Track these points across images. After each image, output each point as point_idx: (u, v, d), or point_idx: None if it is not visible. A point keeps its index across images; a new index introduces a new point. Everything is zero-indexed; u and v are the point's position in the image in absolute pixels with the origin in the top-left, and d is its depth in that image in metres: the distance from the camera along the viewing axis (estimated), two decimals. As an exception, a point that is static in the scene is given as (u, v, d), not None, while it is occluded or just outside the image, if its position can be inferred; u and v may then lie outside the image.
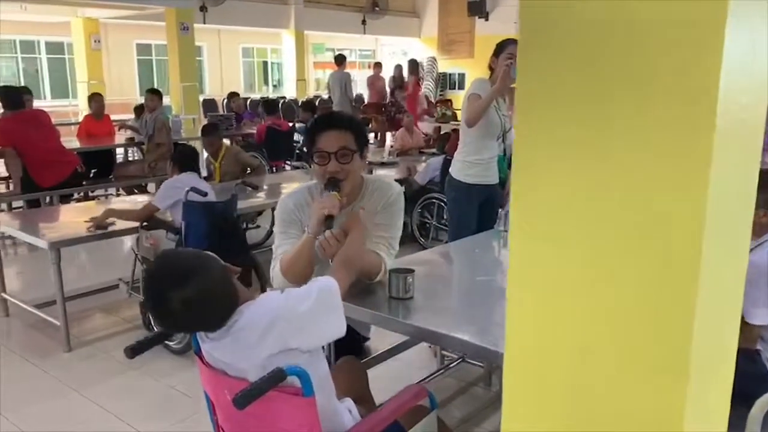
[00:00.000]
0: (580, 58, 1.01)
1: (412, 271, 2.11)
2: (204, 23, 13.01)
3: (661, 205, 0.97)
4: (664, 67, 0.95)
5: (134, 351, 1.57)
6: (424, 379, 3.16)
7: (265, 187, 5.08)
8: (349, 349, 2.46)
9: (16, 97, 5.66)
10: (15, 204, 6.54)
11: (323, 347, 1.78)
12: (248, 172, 5.48)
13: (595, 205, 1.03)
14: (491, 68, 3.59)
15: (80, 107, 13.93)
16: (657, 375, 1.01)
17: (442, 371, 3.29)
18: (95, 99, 7.87)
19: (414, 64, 12.36)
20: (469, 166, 3.75)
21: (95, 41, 13.72)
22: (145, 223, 3.85)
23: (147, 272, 1.50)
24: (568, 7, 1.00)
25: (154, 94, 7.04)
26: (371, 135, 11.71)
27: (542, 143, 1.07)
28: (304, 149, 7.65)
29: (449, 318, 2.07)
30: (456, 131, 6.25)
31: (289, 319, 1.54)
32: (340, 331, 1.64)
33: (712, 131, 0.93)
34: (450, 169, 3.93)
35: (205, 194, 3.49)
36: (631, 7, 0.95)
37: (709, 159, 0.93)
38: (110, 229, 3.82)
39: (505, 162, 3.98)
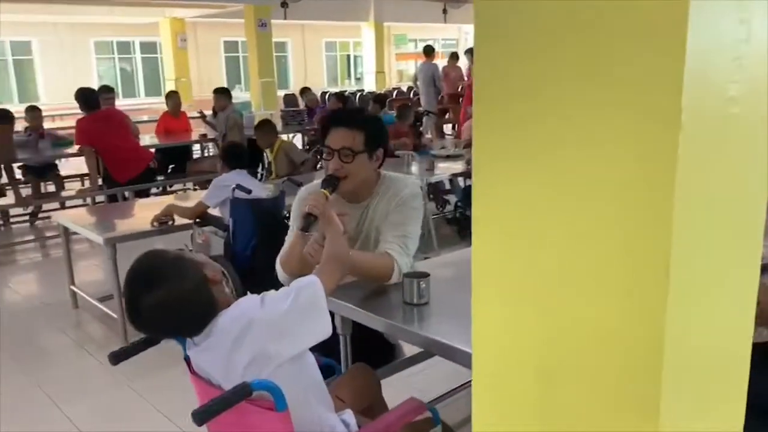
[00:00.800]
0: (534, 47, 0.89)
1: (427, 275, 2.00)
2: (285, 19, 13.24)
3: (626, 210, 0.83)
4: (621, 54, 0.81)
5: (117, 357, 1.56)
6: (452, 391, 2.99)
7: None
8: (378, 350, 2.39)
9: (93, 98, 5.93)
10: (98, 199, 6.90)
11: (320, 352, 1.71)
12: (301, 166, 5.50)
13: (555, 210, 0.90)
14: None
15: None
16: (624, 408, 0.87)
17: (467, 385, 3.12)
18: (172, 97, 8.15)
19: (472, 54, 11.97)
20: None
21: (181, 40, 14.27)
22: (198, 220, 3.92)
23: (127, 273, 1.48)
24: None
25: (221, 93, 7.19)
26: (449, 126, 11.54)
27: (501, 141, 0.96)
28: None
29: (467, 328, 1.92)
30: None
31: (267, 321, 1.49)
32: (324, 332, 1.57)
33: (677, 130, 0.78)
34: None
35: (249, 191, 3.50)
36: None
37: (673, 160, 0.79)
38: (169, 224, 3.92)
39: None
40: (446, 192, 6.28)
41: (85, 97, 5.81)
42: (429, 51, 10.80)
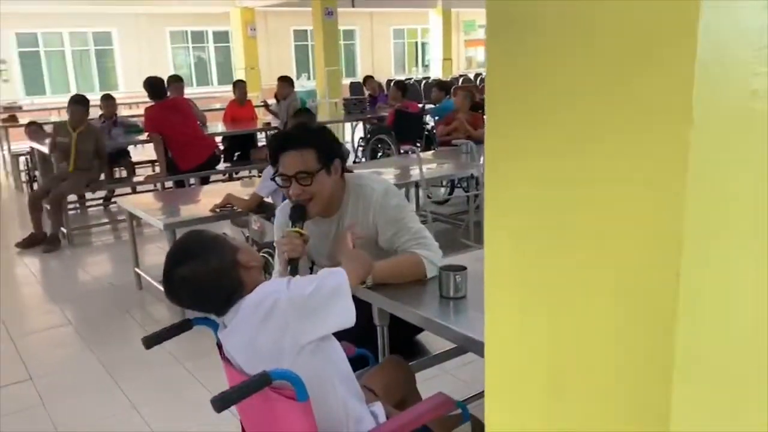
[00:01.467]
0: (544, 42, 0.85)
1: (464, 268, 1.97)
2: (353, 6, 13.29)
3: (637, 211, 0.79)
4: (629, 47, 0.77)
5: (150, 341, 1.61)
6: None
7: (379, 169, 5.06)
8: (413, 346, 2.38)
9: (160, 87, 6.13)
10: (167, 184, 7.16)
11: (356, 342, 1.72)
12: None
13: (566, 212, 0.87)
14: None
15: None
16: (634, 414, 0.84)
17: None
18: (239, 86, 8.34)
19: None
20: None
21: (251, 29, 14.54)
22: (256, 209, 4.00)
23: (170, 247, 1.64)
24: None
25: (284, 81, 7.30)
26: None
27: (513, 141, 0.93)
28: (433, 131, 7.58)
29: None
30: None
31: (291, 301, 1.51)
32: (348, 319, 1.57)
33: (688, 127, 0.73)
34: None
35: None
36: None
37: (684, 160, 0.74)
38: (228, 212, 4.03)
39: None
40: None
41: (152, 85, 6.01)
42: None
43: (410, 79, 13.18)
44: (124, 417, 2.95)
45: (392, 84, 8.74)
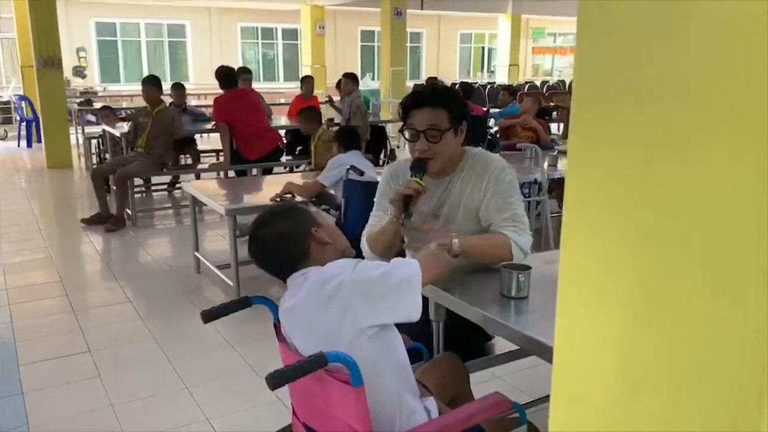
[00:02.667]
0: (636, 41, 0.81)
1: (528, 268, 1.90)
2: (422, 9, 13.27)
3: (728, 208, 0.73)
4: (721, 48, 0.71)
5: (208, 316, 1.61)
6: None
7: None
8: (469, 346, 2.33)
9: (231, 77, 6.23)
10: (230, 174, 7.29)
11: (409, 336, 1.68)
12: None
13: (653, 209, 0.81)
14: None
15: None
16: (718, 421, 0.77)
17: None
18: (306, 81, 8.43)
19: None
20: None
21: (320, 27, 14.69)
22: (314, 198, 4.02)
23: None
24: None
25: (349, 78, 7.32)
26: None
27: (598, 138, 0.89)
28: (497, 135, 7.47)
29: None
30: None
31: (357, 281, 1.50)
32: (414, 313, 1.53)
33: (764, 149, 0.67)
34: None
35: (362, 173, 3.53)
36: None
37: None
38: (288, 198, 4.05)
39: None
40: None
41: (224, 75, 6.12)
42: None
43: (475, 83, 13.05)
44: (175, 395, 2.99)
45: (457, 86, 8.67)
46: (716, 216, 0.75)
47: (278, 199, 3.95)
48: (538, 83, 15.56)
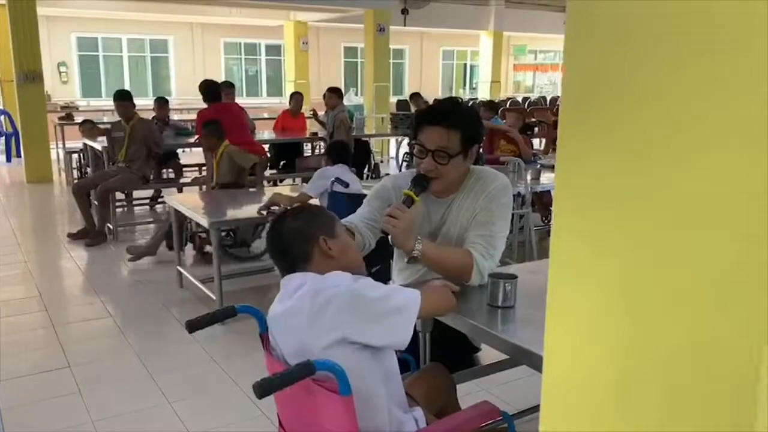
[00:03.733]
0: (625, 44, 0.82)
1: (514, 277, 1.90)
2: (404, 25, 13.35)
3: (724, 212, 0.73)
4: (713, 52, 0.72)
5: (193, 326, 1.59)
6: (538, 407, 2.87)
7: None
8: (456, 357, 2.31)
9: (215, 90, 6.22)
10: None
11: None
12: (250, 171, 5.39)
13: (642, 211, 0.81)
14: None
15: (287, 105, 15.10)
16: (712, 426, 0.77)
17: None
18: (295, 98, 8.44)
19: None
20: None
21: (303, 43, 14.73)
22: (299, 211, 4.00)
23: None
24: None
25: (333, 92, 7.34)
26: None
27: (588, 141, 0.89)
28: (480, 149, 7.51)
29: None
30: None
31: (353, 296, 1.48)
32: (402, 342, 1.51)
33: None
34: None
35: (347, 185, 3.53)
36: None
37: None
38: (277, 211, 4.03)
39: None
40: (552, 204, 6.07)
41: (208, 88, 6.11)
42: None
43: (459, 99, 13.18)
44: (157, 410, 2.94)
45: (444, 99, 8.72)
46: (708, 216, 0.75)
47: (265, 212, 3.93)
48: (519, 99, 15.71)
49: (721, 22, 0.71)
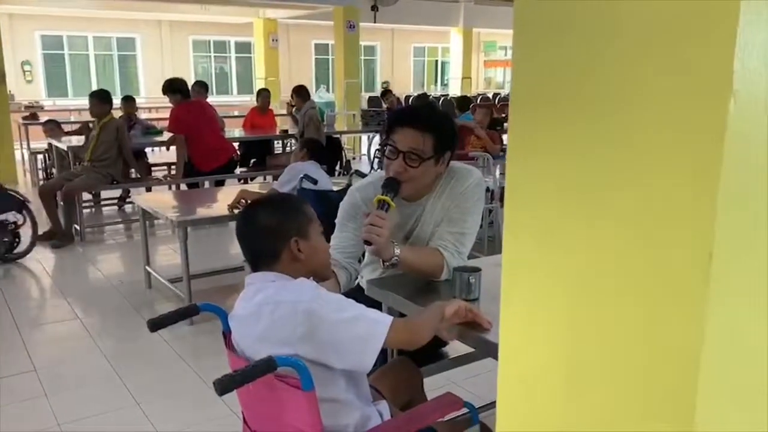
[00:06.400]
0: (572, 40, 0.83)
1: (478, 270, 1.92)
2: (375, 22, 13.35)
3: (662, 210, 0.75)
4: (660, 48, 0.74)
5: (155, 325, 1.58)
6: None
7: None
8: (423, 351, 2.32)
9: (184, 87, 6.16)
10: (181, 187, 7.18)
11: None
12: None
13: (591, 206, 0.83)
14: None
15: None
16: (655, 416, 0.79)
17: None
18: (262, 94, 8.40)
19: None
20: None
21: (273, 40, 14.65)
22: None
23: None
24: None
25: (298, 92, 7.33)
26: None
27: (535, 140, 0.91)
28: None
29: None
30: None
31: (311, 321, 1.41)
32: (364, 368, 1.47)
33: (721, 135, 0.68)
34: None
35: (316, 182, 3.52)
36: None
37: (718, 158, 0.70)
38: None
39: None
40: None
41: (180, 86, 6.05)
42: None
43: (429, 96, 13.17)
44: (127, 412, 2.91)
45: (414, 97, 8.76)
46: (652, 211, 0.76)
47: (234, 210, 3.90)
48: (490, 95, 15.81)
49: (658, 24, 0.73)
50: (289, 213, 1.60)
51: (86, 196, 6.43)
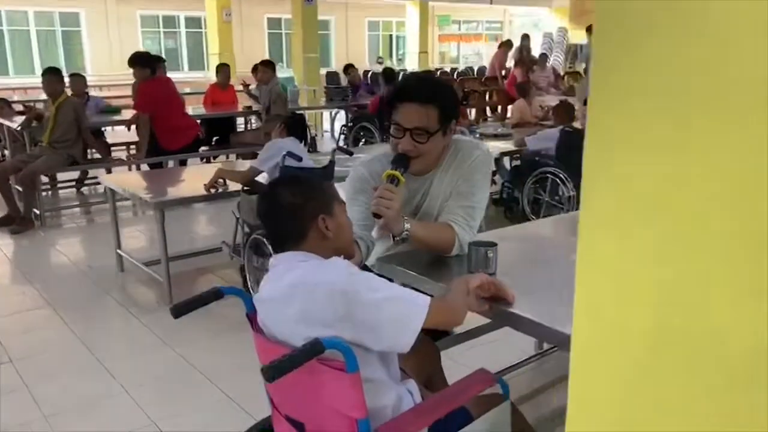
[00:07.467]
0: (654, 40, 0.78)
1: (494, 245, 1.89)
2: (330, -5, 13.12)
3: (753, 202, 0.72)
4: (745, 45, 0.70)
5: (179, 310, 1.50)
6: (522, 362, 2.95)
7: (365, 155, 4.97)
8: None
9: (150, 63, 5.93)
10: (142, 167, 6.95)
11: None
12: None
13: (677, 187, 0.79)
14: None
15: (213, 79, 14.56)
16: (733, 412, 0.77)
17: (536, 358, 3.04)
18: (222, 70, 8.16)
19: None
20: None
21: (226, 14, 14.24)
22: (246, 188, 3.88)
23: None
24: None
25: (266, 66, 7.12)
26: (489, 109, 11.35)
27: (618, 119, 0.85)
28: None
29: (535, 300, 1.81)
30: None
31: (348, 302, 1.37)
32: (402, 347, 1.43)
33: None
34: None
35: (300, 159, 3.44)
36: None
37: None
38: (221, 190, 3.89)
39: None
40: (493, 173, 6.15)
41: (147, 60, 5.83)
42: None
43: (395, 70, 13.06)
44: (115, 399, 2.81)
45: (381, 72, 8.65)
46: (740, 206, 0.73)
47: (211, 190, 3.79)
48: (448, 69, 15.78)
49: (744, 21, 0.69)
50: (314, 191, 1.55)
51: (43, 179, 6.15)
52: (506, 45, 11.82)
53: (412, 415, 1.47)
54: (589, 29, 10.52)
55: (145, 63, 5.81)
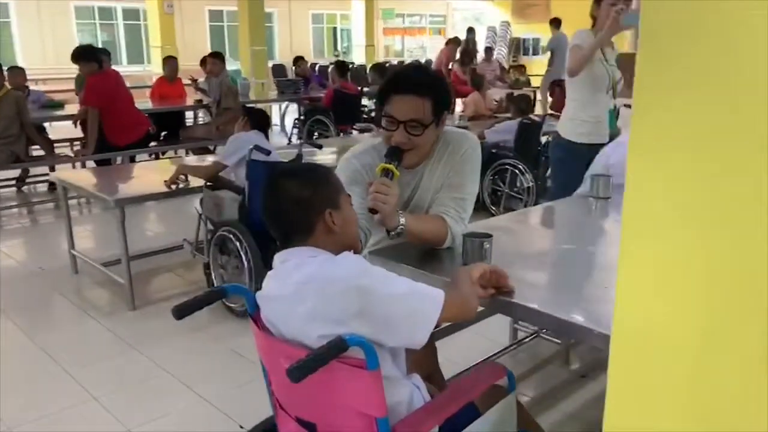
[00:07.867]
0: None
1: (490, 236, 1.88)
2: (274, -13, 12.90)
3: None
4: None
5: (181, 311, 1.43)
6: (497, 353, 2.96)
7: (333, 148, 4.92)
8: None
9: (96, 56, 5.69)
10: (88, 164, 6.67)
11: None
12: None
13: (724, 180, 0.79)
14: (593, 17, 3.49)
15: (154, 72, 14.11)
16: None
17: (515, 346, 3.07)
18: (169, 62, 7.90)
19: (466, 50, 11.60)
20: (579, 124, 3.61)
21: (168, 6, 13.85)
22: (209, 184, 3.77)
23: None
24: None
25: (215, 57, 6.93)
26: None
27: (662, 121, 0.85)
28: (373, 114, 7.49)
29: (526, 288, 1.81)
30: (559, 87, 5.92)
31: (362, 298, 1.33)
32: (418, 343, 1.40)
33: None
34: (557, 128, 3.80)
35: (269, 153, 3.36)
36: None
37: None
38: (182, 186, 3.76)
39: (614, 117, 3.78)
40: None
41: (93, 54, 5.59)
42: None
43: (347, 63, 12.95)
44: (82, 408, 2.69)
45: (332, 67, 8.55)
46: None
47: (173, 186, 3.67)
48: (395, 62, 15.79)
49: None
50: (320, 183, 1.49)
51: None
52: (454, 42, 11.88)
53: (426, 411, 1.45)
54: (552, 22, 10.69)
55: (91, 57, 5.58)
